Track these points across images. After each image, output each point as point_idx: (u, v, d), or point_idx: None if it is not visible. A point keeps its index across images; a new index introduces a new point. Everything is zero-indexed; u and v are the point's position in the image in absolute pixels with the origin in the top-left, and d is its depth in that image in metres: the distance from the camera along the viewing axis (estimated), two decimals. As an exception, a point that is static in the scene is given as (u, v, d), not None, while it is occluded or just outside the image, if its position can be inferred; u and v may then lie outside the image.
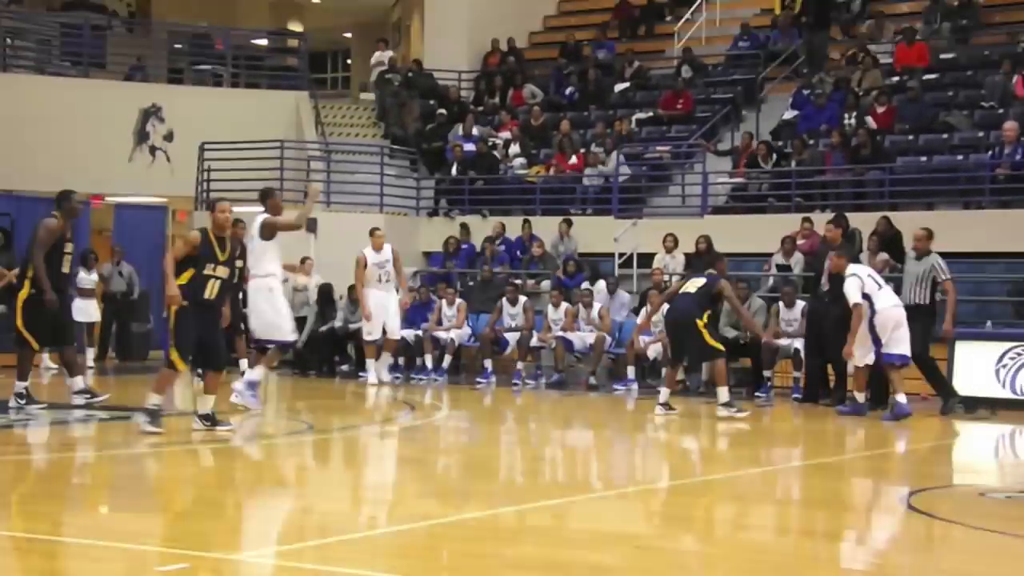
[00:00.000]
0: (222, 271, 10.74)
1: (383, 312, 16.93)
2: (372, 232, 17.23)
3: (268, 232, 12.68)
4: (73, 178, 23.60)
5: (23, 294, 12.22)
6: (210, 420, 10.96)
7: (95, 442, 11.21)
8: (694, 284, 13.47)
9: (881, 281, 14.16)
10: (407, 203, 23.44)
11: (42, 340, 12.70)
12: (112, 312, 21.44)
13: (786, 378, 16.75)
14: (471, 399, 16.35)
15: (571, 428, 13.85)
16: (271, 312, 12.69)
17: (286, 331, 12.93)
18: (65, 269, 12.57)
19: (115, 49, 28.37)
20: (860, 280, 13.79)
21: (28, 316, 12.23)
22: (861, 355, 13.95)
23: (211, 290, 10.68)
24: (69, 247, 12.59)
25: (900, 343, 13.75)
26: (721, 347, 13.49)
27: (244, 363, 16.59)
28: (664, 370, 14.49)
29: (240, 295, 15.13)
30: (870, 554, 6.98)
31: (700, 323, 13.17)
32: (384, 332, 17.10)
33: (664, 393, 13.75)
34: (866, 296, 13.76)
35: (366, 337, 17.26)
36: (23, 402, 12.25)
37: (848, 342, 13.84)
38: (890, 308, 13.87)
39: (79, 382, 12.84)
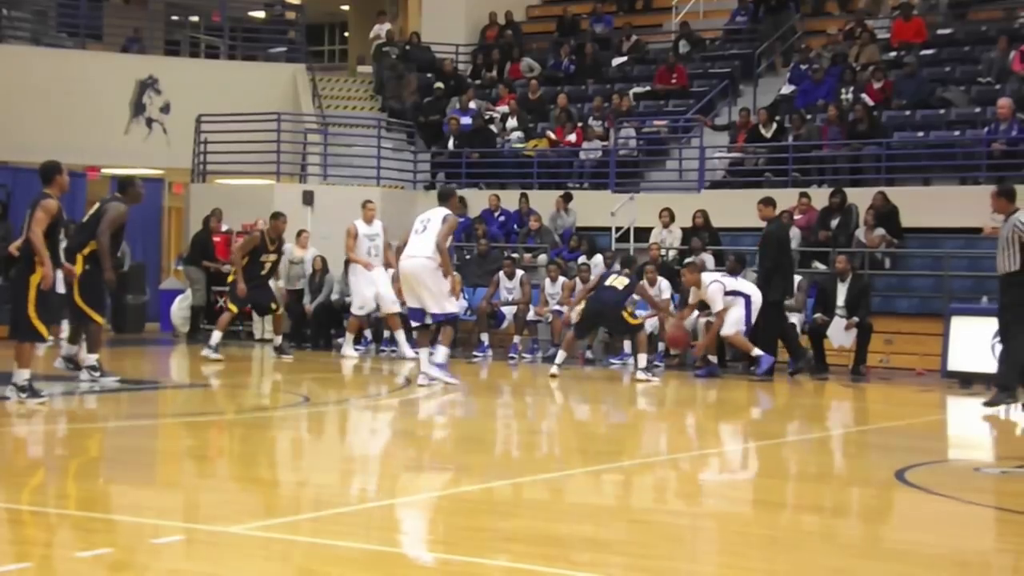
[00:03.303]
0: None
1: (372, 287, 16.93)
2: (364, 204, 17.26)
3: (447, 230, 13.17)
4: (69, 150, 23.66)
5: (78, 269, 12.46)
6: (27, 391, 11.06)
7: (96, 415, 11.25)
8: (620, 282, 15.06)
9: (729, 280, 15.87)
10: (404, 176, 23.42)
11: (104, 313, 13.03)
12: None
13: (782, 353, 16.75)
14: (467, 373, 16.35)
15: (567, 402, 13.88)
16: (444, 286, 13.16)
17: (455, 304, 13.62)
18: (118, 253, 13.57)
19: (112, 20, 28.27)
20: (721, 284, 15.70)
21: (86, 291, 12.51)
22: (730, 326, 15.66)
23: None
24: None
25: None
26: (639, 322, 15.43)
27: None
28: (569, 336, 15.67)
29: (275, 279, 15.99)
30: (864, 528, 7.01)
31: (626, 313, 15.13)
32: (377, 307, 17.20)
33: (560, 355, 15.39)
34: (737, 292, 15.65)
35: (355, 311, 17.31)
36: (97, 374, 12.56)
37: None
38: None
39: (88, 357, 12.88)
